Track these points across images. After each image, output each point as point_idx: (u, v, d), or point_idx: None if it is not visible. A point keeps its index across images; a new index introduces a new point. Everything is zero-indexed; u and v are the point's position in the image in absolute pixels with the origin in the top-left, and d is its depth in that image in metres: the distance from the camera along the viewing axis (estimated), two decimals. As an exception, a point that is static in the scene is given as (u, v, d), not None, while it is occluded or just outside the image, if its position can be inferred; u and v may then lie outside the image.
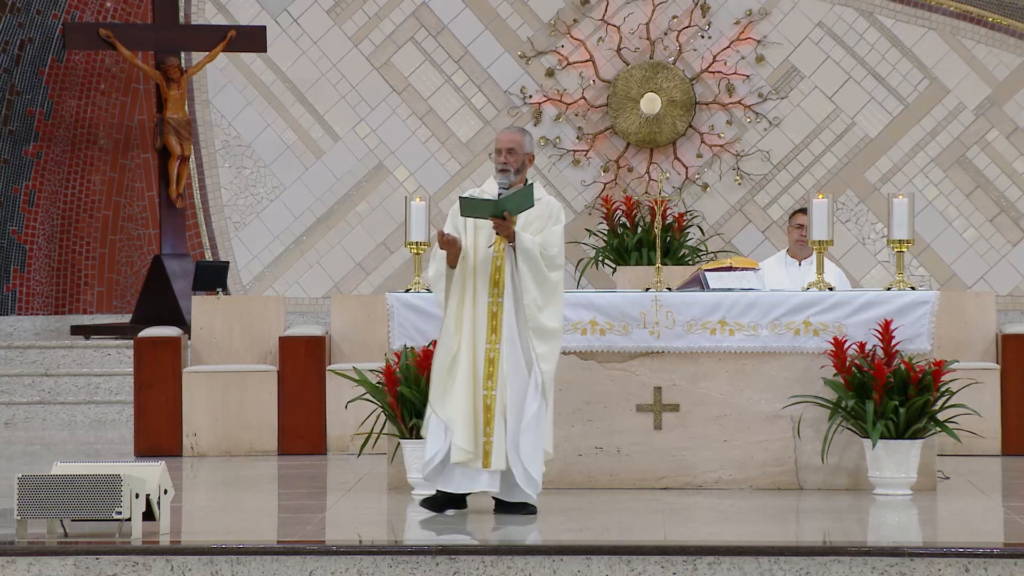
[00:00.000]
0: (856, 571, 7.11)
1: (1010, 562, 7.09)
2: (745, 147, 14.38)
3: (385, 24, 14.59)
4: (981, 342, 11.65)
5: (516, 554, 7.19)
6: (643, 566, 7.15)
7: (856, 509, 8.62)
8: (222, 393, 11.57)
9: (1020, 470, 10.61)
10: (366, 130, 14.59)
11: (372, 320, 11.66)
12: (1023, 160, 14.18)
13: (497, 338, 8.40)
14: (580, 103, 14.47)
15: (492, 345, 8.40)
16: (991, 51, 14.22)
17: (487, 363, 8.38)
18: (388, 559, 7.18)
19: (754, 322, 9.52)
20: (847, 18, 14.32)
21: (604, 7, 14.45)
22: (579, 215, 14.45)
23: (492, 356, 8.39)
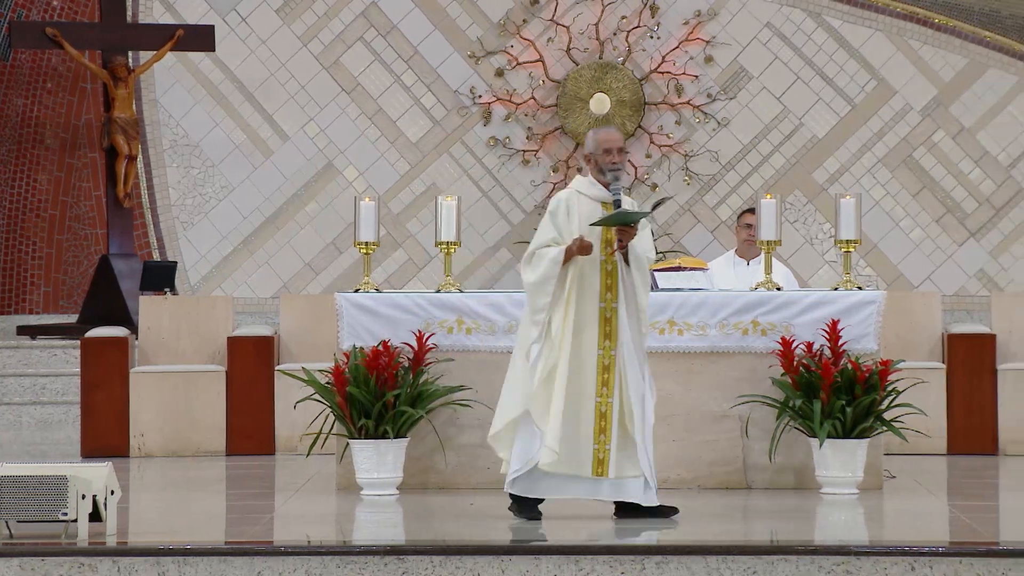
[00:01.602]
0: (803, 570, 7.13)
1: (955, 560, 7.13)
2: (694, 147, 14.42)
3: (334, 24, 14.56)
4: (927, 342, 11.72)
5: (465, 554, 7.19)
6: (591, 566, 7.16)
7: (803, 508, 8.66)
8: (170, 393, 11.52)
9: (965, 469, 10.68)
10: (315, 130, 14.56)
11: (321, 320, 11.63)
12: (969, 161, 14.27)
13: (612, 344, 8.18)
14: (530, 103, 14.47)
15: (606, 351, 8.18)
16: (937, 52, 14.30)
17: (601, 370, 8.15)
18: (337, 559, 7.17)
19: (703, 322, 9.54)
20: (795, 19, 14.38)
21: (553, 8, 14.46)
22: (529, 215, 14.46)
23: (607, 362, 8.17)
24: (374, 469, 9.24)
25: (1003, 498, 9.70)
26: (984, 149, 14.25)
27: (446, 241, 9.80)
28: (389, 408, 9.24)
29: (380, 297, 9.69)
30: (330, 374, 9.33)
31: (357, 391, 9.22)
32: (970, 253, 14.19)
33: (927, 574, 7.11)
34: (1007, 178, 14.24)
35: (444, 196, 9.86)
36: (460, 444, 9.59)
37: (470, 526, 8.25)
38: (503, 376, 9.62)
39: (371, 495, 9.21)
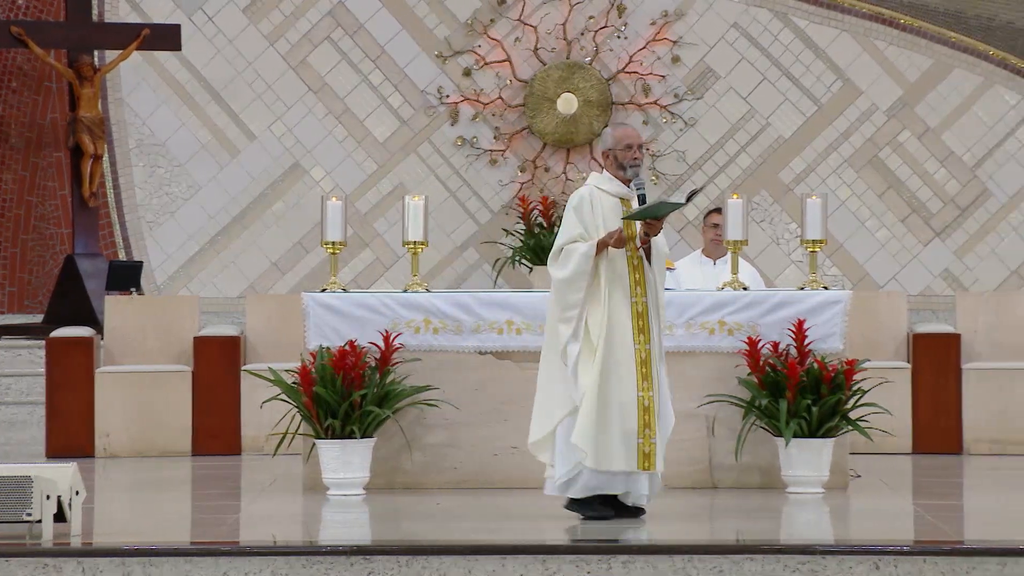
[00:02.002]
0: (769, 569, 7.15)
1: (919, 559, 7.16)
2: (661, 147, 14.44)
3: (301, 23, 14.53)
4: (892, 341, 11.76)
5: (431, 554, 7.19)
6: (558, 565, 7.16)
7: (769, 507, 8.68)
8: (135, 394, 11.48)
9: (930, 468, 10.72)
10: (282, 129, 14.53)
11: (288, 320, 11.61)
12: (934, 161, 14.33)
13: (646, 338, 8.17)
14: (497, 103, 14.47)
15: (642, 345, 8.17)
16: (903, 52, 14.35)
17: (639, 364, 8.15)
18: (303, 560, 7.15)
19: (669, 321, 9.55)
20: (761, 19, 14.42)
21: (521, 7, 14.46)
22: (496, 215, 14.46)
23: (644, 356, 8.16)
24: (340, 469, 9.23)
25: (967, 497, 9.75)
26: (949, 149, 14.31)
27: (413, 241, 9.80)
28: (356, 408, 9.24)
29: (347, 297, 9.68)
30: (296, 374, 9.31)
31: (324, 391, 9.20)
32: (935, 253, 14.24)
33: (892, 573, 7.13)
34: (972, 178, 14.30)
35: (411, 196, 9.86)
36: (427, 444, 9.59)
37: (437, 526, 8.24)
38: (470, 376, 9.64)
39: (337, 495, 9.20)
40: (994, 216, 14.23)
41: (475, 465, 9.57)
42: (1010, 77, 14.29)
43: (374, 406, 9.25)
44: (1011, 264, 14.21)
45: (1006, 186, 14.24)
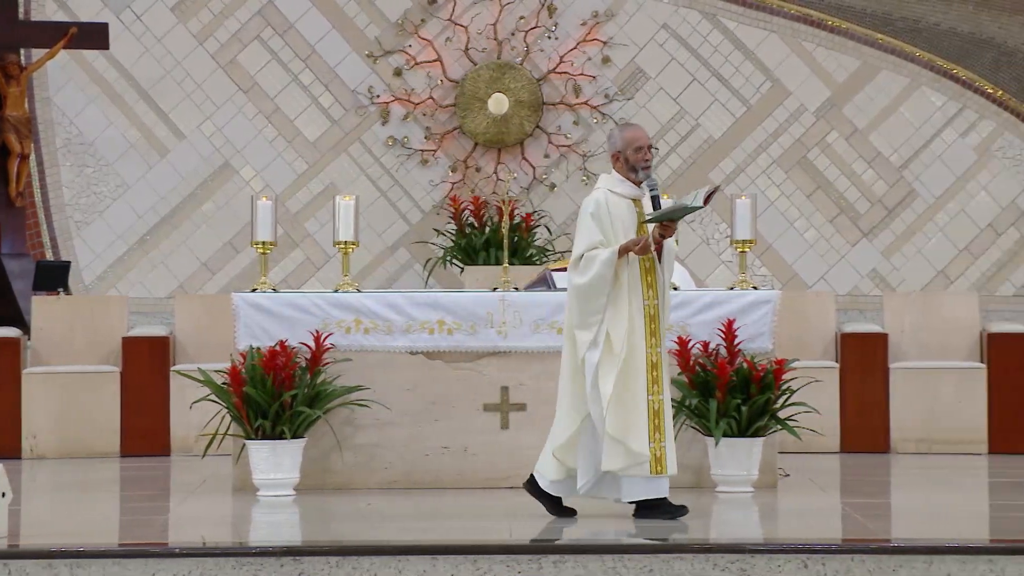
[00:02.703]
0: (699, 568, 7.18)
1: (847, 558, 7.21)
2: (592, 147, 14.48)
3: (231, 22, 14.46)
4: (821, 341, 11.85)
5: (361, 555, 7.18)
6: (488, 565, 7.17)
7: (699, 506, 8.72)
8: (63, 394, 11.40)
9: (858, 467, 10.81)
10: (211, 128, 14.46)
11: (218, 320, 11.57)
12: (862, 162, 14.43)
13: (657, 341, 8.18)
14: (428, 103, 14.46)
15: (653, 349, 8.17)
16: (831, 54, 14.46)
17: (650, 367, 8.14)
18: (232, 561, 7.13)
19: (600, 321, 9.57)
20: (691, 20, 14.48)
21: (451, 7, 14.46)
22: (427, 215, 14.45)
23: (655, 360, 8.17)
24: (271, 470, 9.20)
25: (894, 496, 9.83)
26: (877, 150, 14.42)
27: (344, 241, 9.79)
28: (286, 408, 9.21)
29: (277, 297, 9.65)
30: (226, 374, 9.28)
31: (254, 391, 9.17)
32: (863, 253, 14.35)
33: (820, 571, 7.18)
34: (899, 179, 14.42)
35: (342, 196, 9.84)
36: (357, 444, 9.58)
37: (367, 526, 8.24)
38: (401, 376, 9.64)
39: (268, 496, 9.17)
40: (921, 216, 14.36)
41: (406, 465, 9.57)
42: (936, 79, 14.43)
43: (305, 406, 9.23)
44: (937, 264, 14.34)
45: (932, 187, 14.37)
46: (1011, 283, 14.30)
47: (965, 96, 14.40)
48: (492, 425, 9.60)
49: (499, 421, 9.62)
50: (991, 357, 11.59)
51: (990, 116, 14.38)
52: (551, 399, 9.61)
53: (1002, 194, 14.36)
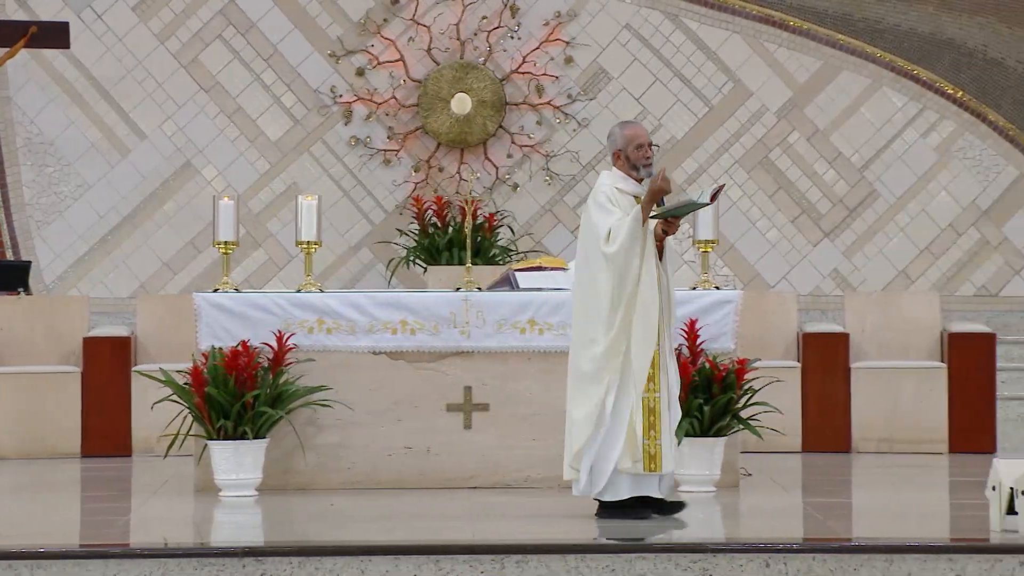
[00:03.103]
0: (661, 568, 7.20)
1: (809, 557, 7.24)
2: (555, 148, 14.49)
3: (192, 22, 14.42)
4: (782, 341, 11.89)
5: (324, 555, 7.17)
6: (451, 565, 7.17)
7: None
8: (24, 395, 11.35)
9: (820, 466, 10.84)
10: (173, 128, 14.41)
11: (179, 320, 11.53)
12: (823, 162, 14.48)
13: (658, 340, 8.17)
14: (391, 103, 14.45)
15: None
16: (792, 54, 14.50)
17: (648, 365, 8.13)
18: (194, 561, 7.11)
19: (563, 322, 9.60)
20: (653, 20, 14.51)
21: (414, 7, 14.44)
22: (390, 215, 14.43)
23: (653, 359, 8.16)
24: (233, 470, 9.18)
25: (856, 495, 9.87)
26: (838, 150, 14.47)
27: (306, 241, 9.77)
28: (248, 409, 9.19)
29: (239, 297, 9.63)
30: (188, 375, 9.25)
31: (216, 392, 9.15)
32: (824, 253, 14.40)
33: (782, 570, 7.20)
34: (860, 179, 14.48)
35: (304, 195, 9.82)
36: (320, 444, 9.56)
37: (330, 527, 8.22)
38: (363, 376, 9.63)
39: (230, 496, 9.15)
40: (882, 217, 14.42)
41: (368, 465, 9.56)
42: (897, 79, 14.49)
43: (267, 407, 9.21)
44: (898, 264, 14.40)
45: (893, 187, 14.43)
46: (971, 283, 14.37)
47: (926, 97, 14.47)
48: (455, 425, 9.60)
49: (462, 421, 9.62)
50: (951, 357, 11.64)
51: (950, 117, 14.45)
52: (514, 399, 9.61)
53: (962, 194, 14.43)
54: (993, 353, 11.63)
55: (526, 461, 9.56)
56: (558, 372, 9.61)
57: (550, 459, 9.53)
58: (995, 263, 14.37)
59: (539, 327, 9.64)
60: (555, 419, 9.58)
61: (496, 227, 13.94)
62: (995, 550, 7.31)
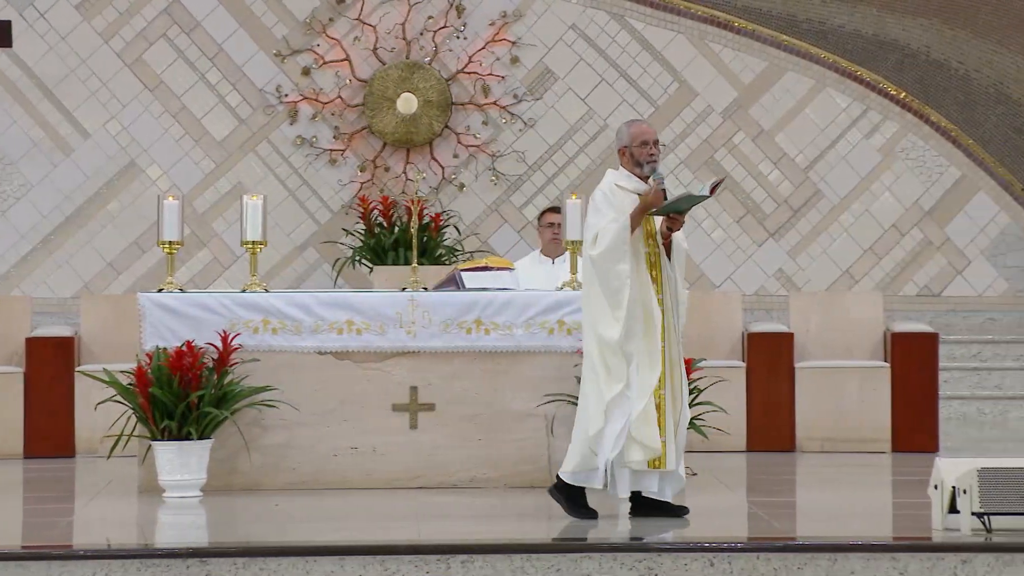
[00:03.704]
0: (606, 567, 7.22)
1: (753, 556, 7.27)
2: (501, 148, 14.50)
3: (136, 20, 14.35)
4: (728, 341, 11.93)
5: (269, 556, 7.15)
6: (397, 566, 7.16)
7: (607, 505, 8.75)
8: (-34, 396, 11.26)
9: (764, 466, 10.89)
10: (117, 127, 14.33)
11: (123, 321, 11.47)
12: (768, 163, 14.55)
13: (662, 336, 8.14)
14: (336, 102, 14.42)
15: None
16: (737, 55, 14.56)
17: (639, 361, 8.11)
18: (138, 563, 7.08)
19: (509, 322, 9.61)
20: (599, 21, 14.53)
21: (360, 7, 14.42)
22: (336, 215, 14.40)
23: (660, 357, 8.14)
24: (177, 471, 9.14)
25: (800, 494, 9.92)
26: (783, 151, 14.54)
27: (252, 240, 9.74)
28: (193, 409, 9.15)
29: (184, 297, 9.59)
30: (132, 375, 9.21)
31: (160, 392, 9.11)
32: (769, 253, 14.47)
33: (726, 569, 7.23)
34: (804, 179, 14.55)
35: (250, 195, 9.79)
36: (265, 445, 9.54)
37: (275, 527, 8.20)
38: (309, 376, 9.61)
39: (174, 497, 9.11)
40: (826, 217, 14.50)
41: (314, 466, 9.54)
42: (841, 80, 14.57)
43: (212, 407, 9.18)
44: (842, 264, 14.49)
45: (838, 187, 14.51)
46: (914, 283, 14.47)
47: (869, 98, 14.55)
48: (401, 425, 9.59)
49: (408, 421, 9.61)
50: (895, 357, 11.71)
51: (894, 117, 14.55)
52: (460, 399, 9.62)
53: (905, 195, 14.53)
54: (936, 353, 11.71)
55: (472, 461, 9.56)
56: (504, 372, 9.62)
57: (495, 459, 9.54)
58: (938, 263, 14.47)
59: (485, 327, 9.65)
60: (501, 419, 9.59)
61: (442, 227, 13.94)
62: (937, 548, 7.36)
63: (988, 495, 7.52)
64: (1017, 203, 14.52)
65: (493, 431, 9.57)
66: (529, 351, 9.64)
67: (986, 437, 12.57)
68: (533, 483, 9.51)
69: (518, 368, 9.63)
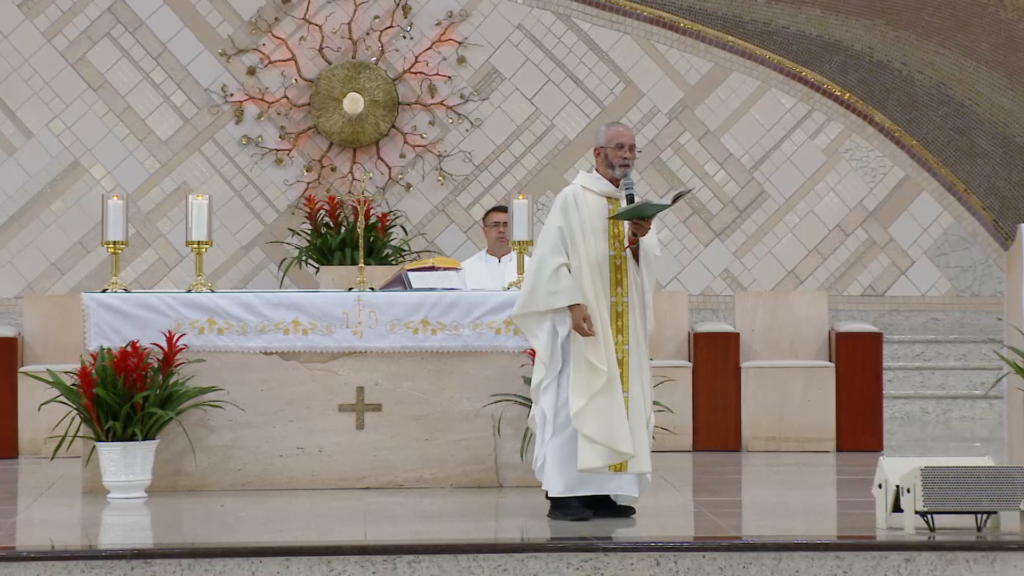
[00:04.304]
0: (552, 567, 7.23)
1: (699, 555, 7.29)
2: (447, 148, 14.49)
3: (80, 19, 14.27)
4: (674, 340, 11.97)
5: (214, 556, 7.12)
6: (343, 566, 7.16)
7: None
8: (-92, 397, 11.17)
9: (710, 465, 10.93)
10: (60, 127, 14.25)
11: (67, 321, 11.41)
12: (714, 163, 14.60)
13: (624, 339, 8.15)
14: (282, 102, 14.38)
15: (619, 346, 8.15)
16: (683, 56, 14.60)
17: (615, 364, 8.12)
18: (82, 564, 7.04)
19: (456, 322, 9.61)
20: (545, 21, 14.55)
21: (306, 6, 14.39)
22: (282, 215, 14.36)
23: (620, 356, 8.14)
24: (122, 472, 9.10)
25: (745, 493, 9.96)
26: (728, 151, 14.60)
27: (197, 240, 9.70)
28: (138, 410, 9.11)
29: (128, 297, 9.54)
30: (76, 376, 9.16)
31: (104, 393, 9.06)
32: (715, 253, 14.52)
33: (672, 568, 7.25)
34: (750, 180, 14.61)
35: (195, 195, 9.75)
36: (211, 445, 9.50)
37: (220, 528, 8.17)
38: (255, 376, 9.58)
39: (118, 498, 9.07)
40: (771, 217, 14.56)
41: (260, 466, 9.51)
42: (786, 81, 14.64)
43: (157, 408, 9.14)
44: (787, 264, 14.55)
45: (783, 188, 14.58)
46: (859, 283, 14.56)
47: (814, 98, 14.63)
48: (347, 425, 9.58)
49: (354, 421, 9.60)
50: (839, 356, 11.78)
51: (838, 118, 14.63)
52: (407, 399, 9.61)
53: (850, 195, 14.61)
54: (880, 352, 11.78)
55: (418, 461, 9.56)
56: (451, 372, 9.62)
57: (442, 459, 9.53)
58: (881, 263, 14.56)
59: (432, 327, 9.64)
60: (447, 419, 9.59)
61: (389, 227, 13.92)
62: (881, 547, 7.41)
63: (931, 494, 7.58)
64: (960, 203, 14.63)
65: (440, 431, 9.57)
66: (476, 351, 9.65)
67: (929, 436, 12.66)
68: (480, 483, 9.52)
69: (465, 368, 9.63)
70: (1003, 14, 14.63)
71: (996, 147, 14.64)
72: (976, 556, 7.34)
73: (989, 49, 14.61)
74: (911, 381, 13.82)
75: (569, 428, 8.11)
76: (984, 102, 14.65)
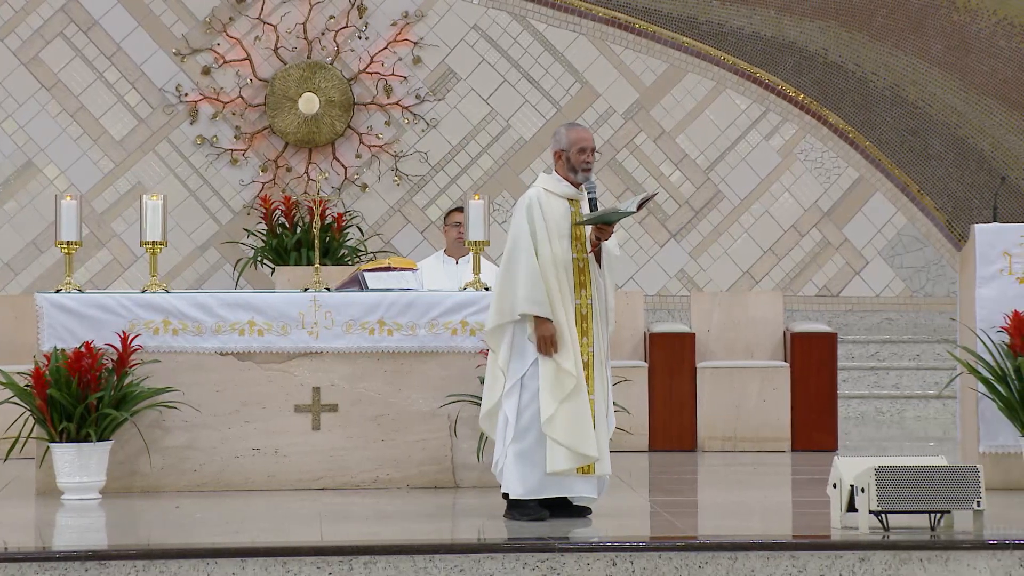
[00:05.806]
0: (509, 567, 7.24)
1: (655, 555, 7.31)
2: (403, 148, 14.48)
3: (32, 19, 14.19)
4: (630, 341, 11.99)
5: (169, 558, 7.10)
6: (299, 567, 7.15)
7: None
8: None
9: (666, 465, 10.96)
10: (13, 127, 14.17)
11: (21, 321, 11.35)
12: (669, 164, 14.64)
13: (589, 341, 8.15)
14: (237, 102, 14.34)
15: (584, 348, 8.14)
16: (638, 57, 14.64)
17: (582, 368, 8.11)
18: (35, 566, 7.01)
19: (412, 322, 9.60)
20: (501, 22, 14.56)
21: (260, 6, 14.35)
22: (237, 215, 14.32)
23: (586, 359, 8.14)
24: (76, 473, 9.06)
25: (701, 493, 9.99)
26: (684, 152, 14.64)
27: (152, 241, 9.66)
28: (92, 411, 9.07)
29: (82, 298, 9.50)
30: (30, 376, 9.11)
31: (58, 393, 9.02)
32: (671, 254, 14.56)
33: (628, 568, 7.27)
34: (705, 180, 14.66)
35: (150, 195, 9.71)
36: (166, 446, 9.47)
37: (175, 529, 8.15)
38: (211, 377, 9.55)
39: (73, 499, 9.03)
40: (727, 218, 14.61)
41: (216, 467, 9.48)
42: (741, 82, 14.69)
43: (111, 408, 9.10)
44: (743, 265, 14.61)
45: (738, 188, 14.63)
46: (813, 283, 14.62)
47: (768, 99, 14.69)
48: (304, 426, 9.56)
49: (310, 422, 9.58)
50: (794, 356, 11.82)
51: (792, 119, 14.69)
52: (363, 400, 9.60)
53: (804, 196, 14.67)
54: (834, 352, 11.83)
55: (375, 462, 9.55)
56: (407, 372, 9.61)
57: (399, 459, 9.53)
58: (836, 264, 14.63)
59: (388, 327, 9.64)
60: (404, 419, 9.58)
61: (345, 227, 13.90)
62: (836, 547, 7.44)
63: (885, 493, 7.62)
64: (913, 204, 14.71)
65: (396, 432, 9.56)
66: (433, 351, 9.64)
67: (884, 436, 12.72)
68: (437, 484, 9.51)
69: (421, 369, 9.62)
70: (956, 16, 14.72)
71: (949, 148, 14.73)
72: (930, 555, 7.38)
73: (942, 51, 14.69)
74: (865, 381, 13.89)
75: (532, 432, 8.11)
76: (937, 103, 14.73)
